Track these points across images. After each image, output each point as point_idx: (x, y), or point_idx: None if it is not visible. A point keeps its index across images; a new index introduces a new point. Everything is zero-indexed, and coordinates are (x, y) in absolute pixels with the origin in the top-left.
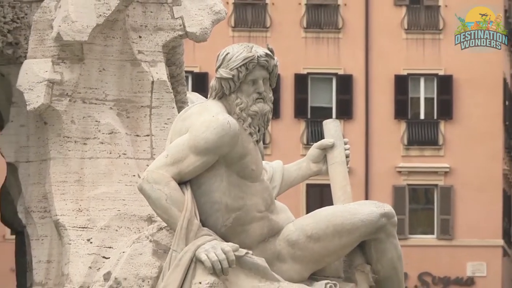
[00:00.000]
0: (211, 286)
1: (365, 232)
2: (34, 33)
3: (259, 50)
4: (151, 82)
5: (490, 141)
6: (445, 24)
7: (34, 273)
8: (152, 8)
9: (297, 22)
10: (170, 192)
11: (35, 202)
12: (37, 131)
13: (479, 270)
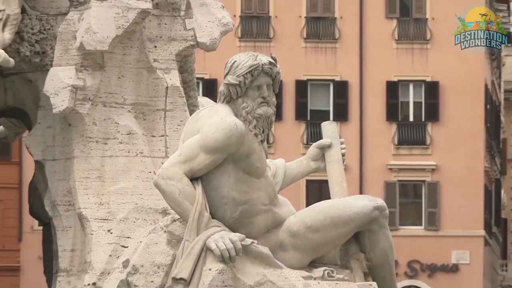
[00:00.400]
0: (220, 273)
1: (360, 223)
2: (59, 43)
3: (263, 58)
4: (166, 88)
5: (472, 141)
6: (432, 35)
7: (60, 261)
8: (166, 20)
9: (297, 33)
10: (183, 187)
11: (60, 196)
12: (62, 132)
13: (463, 258)
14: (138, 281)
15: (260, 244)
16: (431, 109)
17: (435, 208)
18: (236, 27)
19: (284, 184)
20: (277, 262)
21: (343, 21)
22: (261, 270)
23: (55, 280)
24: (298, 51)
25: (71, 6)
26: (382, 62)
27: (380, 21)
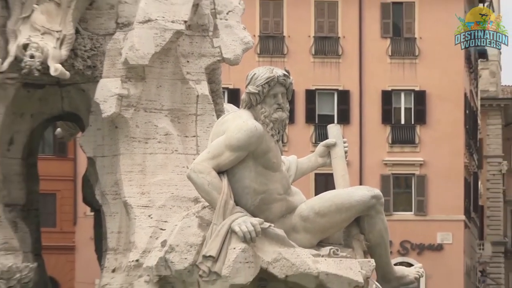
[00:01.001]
0: (243, 251)
1: (360, 209)
2: (107, 58)
3: (278, 71)
4: (197, 96)
5: (454, 141)
6: (420, 51)
7: (108, 241)
8: (197, 39)
9: (307, 50)
10: (211, 179)
11: (108, 187)
12: (110, 133)
13: (446, 239)
14: (174, 258)
15: (276, 227)
16: (419, 114)
17: (422, 196)
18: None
19: (296, 176)
20: (290, 242)
21: (345, 40)
22: (277, 249)
23: (104, 257)
24: (307, 65)
25: (117, 28)
26: (378, 74)
27: (376, 40)
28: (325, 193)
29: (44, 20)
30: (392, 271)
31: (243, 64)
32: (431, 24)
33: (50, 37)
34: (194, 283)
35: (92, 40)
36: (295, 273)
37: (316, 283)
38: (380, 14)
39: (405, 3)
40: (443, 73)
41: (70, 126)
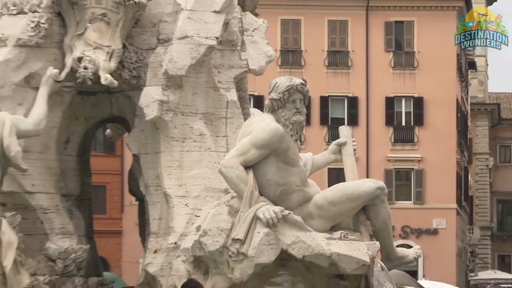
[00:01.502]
0: (266, 235)
1: (366, 199)
2: (150, 69)
3: (296, 80)
4: (227, 102)
5: (447, 140)
6: (418, 63)
7: (150, 226)
8: (227, 53)
9: (321, 62)
10: (239, 173)
11: (151, 180)
12: (152, 134)
13: (441, 224)
14: (207, 241)
15: (295, 214)
16: (417, 117)
17: (420, 188)
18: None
19: (312, 170)
20: (307, 227)
21: (354, 54)
22: (295, 233)
23: (147, 240)
24: (321, 75)
25: (158, 43)
26: (382, 83)
27: (381, 53)
28: (336, 185)
29: (96, 37)
30: (394, 252)
31: (266, 74)
32: (427, 40)
33: (101, 51)
34: (224, 262)
35: (137, 54)
36: (311, 254)
37: (329, 262)
38: (384, 31)
39: (406, 22)
40: (438, 82)
41: (118, 127)
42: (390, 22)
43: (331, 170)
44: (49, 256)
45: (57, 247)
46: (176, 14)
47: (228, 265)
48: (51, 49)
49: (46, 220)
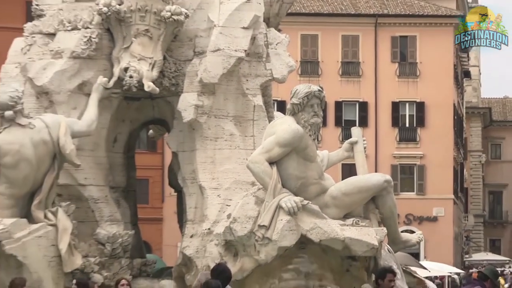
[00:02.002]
0: (288, 221)
1: (375, 190)
2: (187, 78)
3: (314, 87)
4: (253, 106)
5: (446, 139)
6: (420, 72)
7: (187, 214)
8: (254, 63)
9: (336, 72)
10: (264, 168)
11: (188, 174)
12: (189, 134)
13: (440, 212)
14: (237, 227)
15: (313, 204)
16: (419, 119)
17: (422, 181)
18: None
19: (327, 166)
20: (323, 215)
21: (364, 64)
22: (313, 220)
23: (184, 227)
24: (336, 83)
25: (194, 55)
26: (389, 90)
27: (387, 64)
28: (349, 178)
29: (140, 50)
30: (399, 237)
31: (288, 82)
32: (428, 52)
33: (144, 62)
34: (251, 246)
35: (175, 64)
36: (327, 238)
37: (342, 245)
38: (390, 44)
39: (409, 37)
40: (437, 89)
41: (159, 128)
42: (395, 37)
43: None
44: (99, 240)
45: (106, 232)
46: (210, 30)
47: (255, 248)
48: (101, 60)
49: (97, 209)
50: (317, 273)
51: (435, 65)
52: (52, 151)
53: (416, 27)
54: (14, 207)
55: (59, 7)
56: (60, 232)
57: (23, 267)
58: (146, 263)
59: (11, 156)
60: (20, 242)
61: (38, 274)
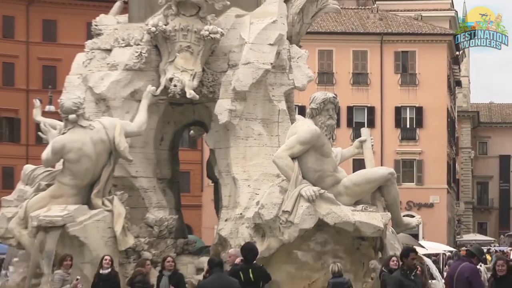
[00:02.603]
0: (307, 207)
1: (381, 181)
2: (222, 87)
3: (329, 94)
4: (278, 110)
5: (440, 138)
6: (419, 82)
7: (222, 201)
8: (278, 74)
9: (348, 81)
10: (287, 162)
11: (223, 167)
12: (224, 134)
13: (436, 200)
14: (264, 212)
15: (328, 192)
16: (418, 121)
17: (420, 173)
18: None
19: (341, 161)
20: (337, 202)
21: (372, 75)
22: (329, 206)
23: (220, 212)
24: (348, 90)
25: (229, 68)
26: (393, 97)
27: (391, 74)
28: (359, 171)
29: (183, 63)
30: (401, 220)
31: (307, 90)
32: (425, 65)
33: (186, 73)
34: (277, 228)
35: (212, 75)
36: (340, 221)
37: (353, 227)
38: (394, 58)
39: (410, 51)
40: (433, 96)
41: (198, 129)
42: (398, 52)
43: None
44: (148, 224)
45: (154, 217)
46: (242, 46)
47: (279, 230)
48: (149, 72)
49: (146, 197)
50: (332, 251)
51: (431, 76)
52: (108, 148)
53: (415, 43)
54: (77, 195)
55: (115, 27)
56: (116, 216)
57: (84, 246)
58: (188, 242)
59: (74, 152)
60: (82, 225)
61: (97, 252)
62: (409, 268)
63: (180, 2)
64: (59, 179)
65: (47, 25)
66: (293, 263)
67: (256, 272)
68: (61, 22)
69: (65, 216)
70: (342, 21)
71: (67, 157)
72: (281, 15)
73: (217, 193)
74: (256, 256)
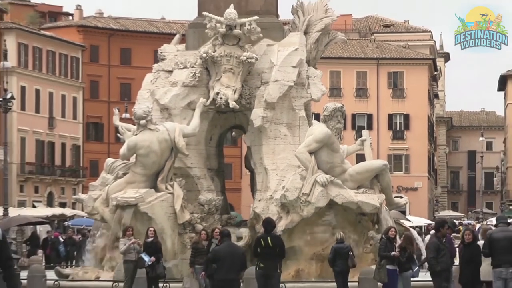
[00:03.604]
0: (321, 190)
1: (377, 170)
2: (256, 99)
3: (338, 104)
4: (299, 117)
5: (422, 138)
6: (406, 95)
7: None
8: (299, 89)
9: (352, 94)
10: (306, 156)
11: (257, 160)
12: (258, 135)
13: (419, 185)
14: (288, 194)
15: (337, 179)
16: (406, 125)
17: (407, 164)
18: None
19: (346, 155)
20: (344, 186)
21: (370, 90)
22: (338, 190)
23: (254, 194)
24: (352, 101)
25: (261, 84)
26: (386, 106)
27: (385, 89)
28: (360, 163)
29: (227, 81)
30: (393, 200)
31: (321, 101)
32: (411, 82)
33: (229, 89)
34: (298, 206)
35: (249, 90)
36: (346, 201)
37: (356, 206)
38: (387, 77)
39: (399, 72)
40: (417, 105)
41: (238, 131)
42: (390, 72)
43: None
44: (200, 203)
45: (205, 198)
46: (271, 68)
47: (300, 208)
48: (201, 88)
49: (199, 183)
50: (339, 224)
51: (415, 90)
52: (170, 146)
53: (403, 65)
54: (146, 181)
55: (175, 54)
56: (175, 197)
57: (152, 220)
58: (230, 217)
59: (144, 149)
60: (150, 204)
61: (162, 224)
62: (443, 236)
63: (224, 35)
64: (133, 169)
65: (124, 52)
66: (310, 233)
67: (273, 239)
68: (134, 50)
69: (137, 197)
70: (347, 49)
71: (138, 153)
72: (301, 44)
73: (252, 180)
74: (274, 228)
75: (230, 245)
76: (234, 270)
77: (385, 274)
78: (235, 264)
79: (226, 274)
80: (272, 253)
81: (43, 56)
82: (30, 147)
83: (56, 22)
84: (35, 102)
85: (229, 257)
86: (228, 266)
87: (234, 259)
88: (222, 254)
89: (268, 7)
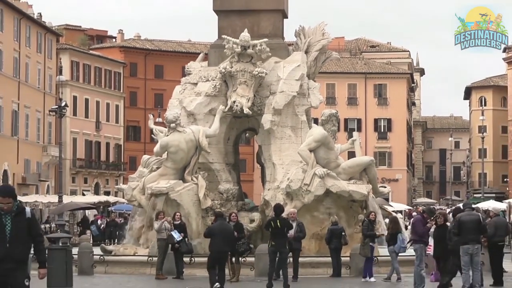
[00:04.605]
0: (319, 181)
1: (365, 165)
2: (266, 106)
3: (333, 111)
4: (301, 121)
5: (402, 139)
6: (389, 103)
7: (266, 177)
8: (301, 98)
9: (344, 103)
10: (307, 154)
11: (267, 156)
12: (267, 135)
13: (400, 177)
14: (292, 184)
15: (332, 172)
16: (389, 128)
17: (390, 160)
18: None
19: (340, 153)
20: (338, 178)
21: (360, 99)
22: (333, 181)
23: (264, 184)
24: (345, 108)
25: (270, 94)
26: (372, 112)
27: (372, 99)
28: (351, 159)
29: (242, 92)
30: (378, 190)
31: (319, 108)
32: (393, 92)
33: (244, 98)
34: (300, 194)
35: (260, 99)
36: (340, 190)
37: (348, 194)
38: (373, 88)
39: (383, 84)
40: (398, 111)
41: (251, 132)
42: (376, 84)
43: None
44: (220, 192)
45: (223, 187)
46: (278, 81)
47: (302, 196)
48: (221, 97)
49: (219, 175)
50: (334, 209)
51: (396, 99)
52: (195, 145)
53: (387, 79)
54: (175, 174)
55: (199, 69)
56: (199, 187)
57: (180, 206)
58: (245, 204)
59: (174, 147)
60: (178, 193)
61: (188, 209)
62: None
63: (240, 54)
64: (164, 164)
65: (157, 68)
66: (310, 217)
67: (282, 222)
68: (166, 66)
69: (168, 187)
70: (340, 65)
71: (169, 151)
72: (303, 61)
73: (262, 173)
74: (282, 212)
75: (222, 223)
76: (226, 243)
77: (368, 250)
78: (227, 238)
79: (221, 247)
80: (281, 233)
81: (92, 72)
82: (80, 146)
83: (102, 44)
84: (85, 109)
85: (221, 233)
86: (221, 240)
87: (225, 234)
88: (215, 230)
89: (275, 31)
